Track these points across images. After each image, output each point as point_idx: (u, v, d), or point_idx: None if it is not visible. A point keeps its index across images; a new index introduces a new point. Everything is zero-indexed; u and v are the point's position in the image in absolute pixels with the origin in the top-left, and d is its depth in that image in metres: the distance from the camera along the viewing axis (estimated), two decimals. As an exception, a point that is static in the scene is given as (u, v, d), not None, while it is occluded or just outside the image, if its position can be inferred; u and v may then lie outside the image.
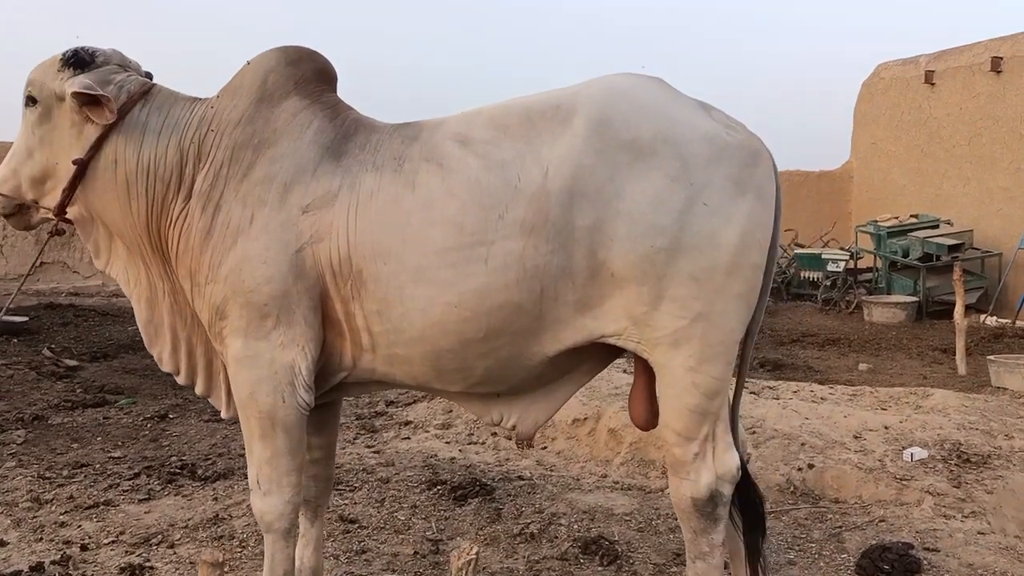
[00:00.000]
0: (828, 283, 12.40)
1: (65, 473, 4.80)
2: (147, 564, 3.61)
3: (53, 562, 3.60)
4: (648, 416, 2.75)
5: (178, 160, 2.72)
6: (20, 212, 2.88)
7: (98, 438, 5.63)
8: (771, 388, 5.89)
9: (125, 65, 2.85)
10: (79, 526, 4.04)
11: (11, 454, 5.19)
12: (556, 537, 3.86)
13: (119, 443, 5.52)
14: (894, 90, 15.20)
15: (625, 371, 5.97)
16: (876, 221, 13.12)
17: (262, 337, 2.62)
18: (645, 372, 2.70)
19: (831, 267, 12.46)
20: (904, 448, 4.55)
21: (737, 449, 2.93)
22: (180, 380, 2.94)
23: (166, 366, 2.92)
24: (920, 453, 4.47)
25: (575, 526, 3.99)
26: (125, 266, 2.88)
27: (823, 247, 13.59)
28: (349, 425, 5.80)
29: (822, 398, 5.63)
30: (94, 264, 2.93)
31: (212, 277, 2.64)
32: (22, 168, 2.82)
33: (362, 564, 3.63)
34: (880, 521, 3.98)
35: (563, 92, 2.63)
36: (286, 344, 2.62)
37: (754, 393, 5.67)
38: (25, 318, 9.99)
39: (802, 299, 12.79)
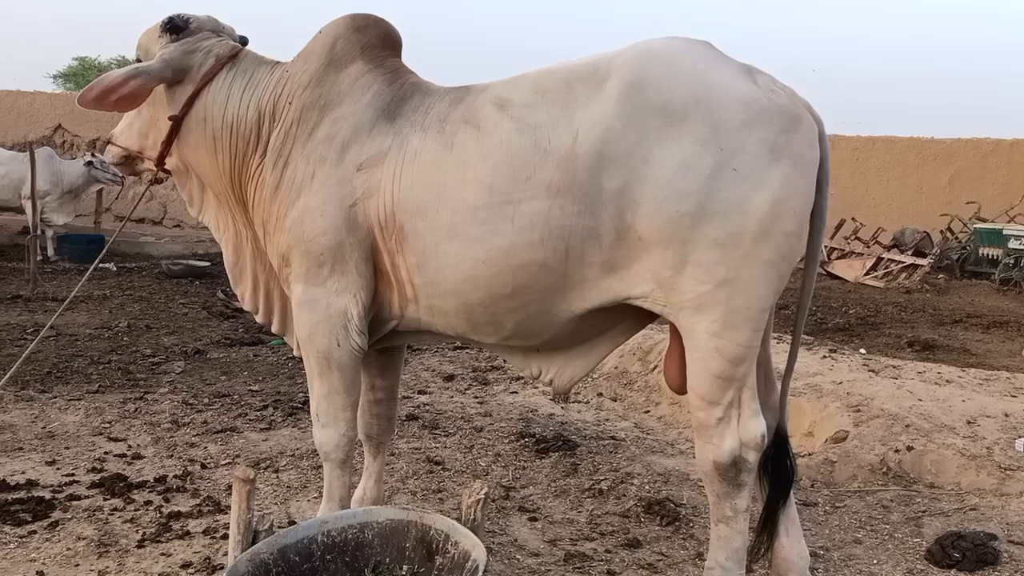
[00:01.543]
0: (1009, 261, 11.42)
1: (206, 401, 5.38)
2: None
3: (175, 476, 4.09)
4: (681, 379, 2.78)
5: (256, 119, 3.00)
6: (128, 162, 3.28)
7: (244, 372, 6.24)
8: (894, 367, 5.61)
9: (218, 30, 3.15)
10: (205, 447, 4.54)
11: (168, 381, 5.87)
12: (624, 495, 3.94)
13: (260, 378, 6.09)
14: (1111, 50, 13.60)
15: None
16: (1072, 195, 11.93)
17: (319, 284, 2.87)
18: (679, 334, 2.73)
19: (1013, 244, 11.46)
20: (1019, 437, 4.25)
21: (781, 420, 2.92)
22: (259, 319, 3.25)
23: (247, 305, 3.25)
24: (1035, 444, 4.16)
25: (646, 487, 4.05)
26: (216, 214, 3.22)
27: (1008, 222, 12.46)
28: (464, 376, 6.09)
29: (947, 380, 5.30)
30: (189, 212, 3.28)
31: (279, 227, 2.91)
32: (134, 123, 3.21)
33: (436, 502, 3.88)
34: (970, 510, 3.77)
35: (603, 56, 2.68)
36: (340, 291, 2.86)
37: (872, 371, 5.43)
38: (208, 263, 11.12)
39: (978, 277, 11.85)
